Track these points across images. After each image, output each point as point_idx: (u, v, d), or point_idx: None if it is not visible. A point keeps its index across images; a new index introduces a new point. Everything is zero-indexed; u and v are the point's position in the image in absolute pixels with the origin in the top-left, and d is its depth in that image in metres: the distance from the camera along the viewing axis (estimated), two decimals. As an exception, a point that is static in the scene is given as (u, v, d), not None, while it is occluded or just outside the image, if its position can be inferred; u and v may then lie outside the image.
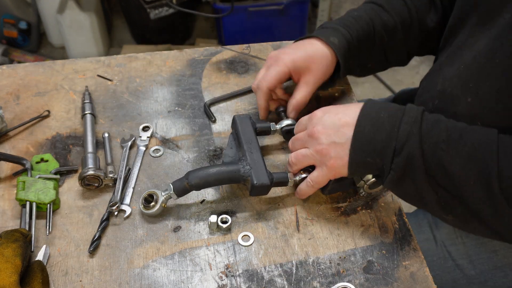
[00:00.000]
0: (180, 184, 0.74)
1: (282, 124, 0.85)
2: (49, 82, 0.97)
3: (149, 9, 2.27)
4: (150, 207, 0.75)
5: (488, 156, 0.63)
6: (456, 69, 0.77)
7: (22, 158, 0.80)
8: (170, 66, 1.02)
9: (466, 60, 0.75)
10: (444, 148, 0.64)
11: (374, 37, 0.89)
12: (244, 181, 0.75)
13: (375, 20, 0.89)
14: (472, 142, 0.64)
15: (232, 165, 0.76)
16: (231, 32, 2.33)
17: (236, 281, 0.70)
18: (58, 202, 0.77)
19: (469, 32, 0.77)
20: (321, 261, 0.72)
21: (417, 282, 0.71)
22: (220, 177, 0.74)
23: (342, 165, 0.71)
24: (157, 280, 0.70)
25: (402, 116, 0.67)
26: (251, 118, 0.83)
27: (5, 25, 2.33)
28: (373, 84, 2.43)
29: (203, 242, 0.74)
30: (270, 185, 0.74)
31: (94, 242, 0.72)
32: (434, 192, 0.67)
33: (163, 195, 0.75)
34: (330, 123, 0.71)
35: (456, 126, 0.66)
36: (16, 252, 0.64)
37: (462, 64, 0.76)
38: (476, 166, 0.63)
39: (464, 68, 0.75)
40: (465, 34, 0.78)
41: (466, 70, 0.75)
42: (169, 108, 0.94)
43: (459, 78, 0.76)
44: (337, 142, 0.70)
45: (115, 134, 0.88)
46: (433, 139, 0.65)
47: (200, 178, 0.74)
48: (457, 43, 0.81)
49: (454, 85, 0.77)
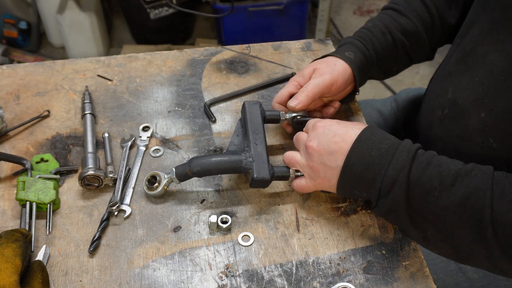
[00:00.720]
0: (183, 169, 0.75)
1: (292, 114, 0.84)
2: (49, 82, 0.97)
3: (149, 9, 2.27)
4: (153, 188, 0.77)
5: (482, 202, 0.61)
6: (469, 81, 0.75)
7: (22, 158, 0.80)
8: (170, 66, 1.02)
9: (481, 73, 0.73)
10: (436, 195, 0.63)
11: (395, 44, 0.89)
12: (245, 172, 0.76)
13: (392, 26, 0.89)
14: (465, 189, 0.62)
15: (235, 156, 0.76)
16: (231, 32, 2.33)
17: (236, 281, 0.70)
18: (58, 202, 0.77)
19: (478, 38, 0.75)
20: (321, 261, 0.72)
21: (417, 282, 0.71)
22: (221, 167, 0.76)
23: (329, 186, 0.73)
24: (157, 280, 0.70)
25: (391, 159, 0.66)
26: (261, 105, 0.83)
27: (5, 25, 2.33)
28: (373, 84, 2.43)
29: (203, 242, 0.74)
30: (270, 180, 0.75)
31: (94, 242, 0.72)
32: (419, 231, 0.67)
33: (165, 178, 0.76)
34: (325, 143, 0.71)
35: (449, 171, 0.64)
36: (16, 252, 0.64)
37: (477, 77, 0.74)
38: (469, 212, 0.62)
39: (478, 82, 0.73)
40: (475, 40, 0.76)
41: (481, 85, 0.73)
42: (169, 108, 0.94)
43: (472, 91, 0.74)
44: (328, 165, 0.70)
45: (115, 134, 0.88)
46: (424, 187, 0.64)
47: (202, 166, 0.75)
48: (465, 48, 0.79)
49: (467, 97, 0.76)
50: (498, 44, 0.71)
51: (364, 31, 0.90)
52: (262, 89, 0.98)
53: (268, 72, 1.02)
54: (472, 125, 0.75)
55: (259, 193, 0.81)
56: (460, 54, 0.80)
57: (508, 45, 0.69)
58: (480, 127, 0.73)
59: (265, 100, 0.96)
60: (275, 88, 0.98)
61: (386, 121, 1.11)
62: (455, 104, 0.78)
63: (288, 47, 1.08)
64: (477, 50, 0.75)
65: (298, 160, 0.75)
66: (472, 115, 0.74)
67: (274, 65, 1.04)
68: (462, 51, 0.80)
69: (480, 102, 0.73)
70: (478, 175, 0.62)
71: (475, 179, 0.62)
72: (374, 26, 0.90)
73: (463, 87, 0.77)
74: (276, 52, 1.07)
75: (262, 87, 0.98)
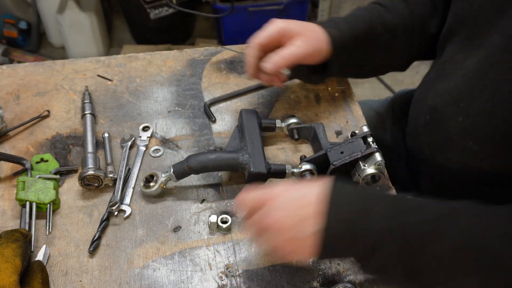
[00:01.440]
0: (180, 166, 0.76)
1: (287, 122, 0.86)
2: (49, 82, 0.97)
3: (149, 9, 2.27)
4: (149, 186, 0.78)
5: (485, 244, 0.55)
6: (447, 86, 0.76)
7: (22, 158, 0.80)
8: (170, 66, 1.02)
9: (456, 77, 0.74)
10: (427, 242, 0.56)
11: (375, 37, 0.86)
12: (242, 169, 0.77)
13: (377, 20, 0.86)
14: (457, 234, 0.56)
15: (232, 153, 0.78)
16: (231, 32, 2.33)
17: (236, 281, 0.70)
18: (58, 202, 0.77)
19: (457, 46, 0.77)
20: (321, 261, 0.72)
21: (417, 282, 0.71)
22: (219, 163, 0.77)
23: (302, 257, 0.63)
24: (157, 280, 0.70)
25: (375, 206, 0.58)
26: (258, 113, 0.85)
27: (5, 25, 2.33)
28: (373, 84, 2.43)
29: (203, 242, 0.74)
30: (266, 174, 0.75)
31: (94, 242, 0.72)
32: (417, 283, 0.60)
33: (163, 176, 0.77)
34: (290, 212, 0.60)
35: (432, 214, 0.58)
36: (16, 252, 0.64)
37: (452, 82, 0.75)
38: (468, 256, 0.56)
39: (454, 87, 0.75)
40: (454, 48, 0.78)
41: (456, 89, 0.74)
42: (169, 108, 0.93)
43: (450, 95, 0.75)
44: (299, 237, 0.59)
45: (115, 134, 0.88)
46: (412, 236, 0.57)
47: (199, 162, 0.76)
48: (446, 57, 0.80)
49: (445, 102, 0.76)
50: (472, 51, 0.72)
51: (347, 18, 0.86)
52: (262, 89, 0.98)
53: (268, 72, 1.02)
54: (451, 129, 0.75)
55: (259, 193, 0.81)
56: (441, 62, 0.81)
57: (481, 51, 0.70)
58: (459, 131, 0.74)
59: (265, 100, 0.96)
60: (275, 88, 0.98)
61: (383, 122, 1.10)
62: (435, 109, 0.79)
63: (288, 47, 1.08)
64: (455, 57, 0.77)
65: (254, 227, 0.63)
66: (451, 120, 0.75)
67: (274, 65, 1.03)
68: (443, 59, 0.81)
69: (457, 106, 0.73)
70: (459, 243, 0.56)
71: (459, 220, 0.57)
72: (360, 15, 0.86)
73: (440, 93, 0.78)
74: (276, 52, 1.07)
75: (262, 87, 0.98)
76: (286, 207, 0.60)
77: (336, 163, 0.76)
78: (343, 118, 0.93)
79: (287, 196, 0.61)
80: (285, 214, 0.60)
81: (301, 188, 0.62)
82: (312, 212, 0.58)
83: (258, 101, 0.96)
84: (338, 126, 0.91)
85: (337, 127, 0.91)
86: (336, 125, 0.91)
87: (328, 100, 0.96)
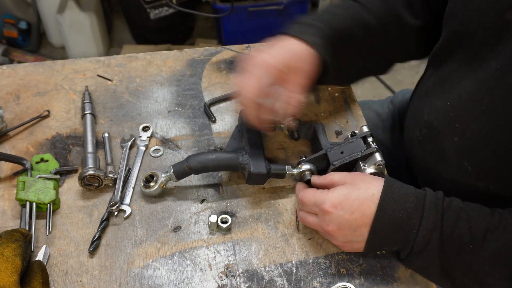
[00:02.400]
0: (180, 166, 0.76)
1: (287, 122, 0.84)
2: (49, 82, 0.97)
3: (149, 9, 2.27)
4: (149, 186, 0.78)
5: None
6: (443, 104, 0.76)
7: (22, 158, 0.80)
8: (170, 66, 1.02)
9: (453, 98, 0.74)
10: (468, 250, 0.64)
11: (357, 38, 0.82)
12: (242, 169, 0.77)
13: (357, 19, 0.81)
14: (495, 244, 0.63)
15: (232, 153, 0.78)
16: (231, 32, 2.33)
17: (236, 281, 0.70)
18: (58, 202, 0.77)
19: (455, 66, 0.76)
20: (321, 261, 0.72)
21: (417, 282, 0.71)
22: (219, 163, 0.76)
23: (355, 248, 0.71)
24: (157, 280, 0.70)
25: (421, 218, 0.65)
26: None
27: (5, 25, 2.33)
28: (373, 84, 2.43)
29: (203, 242, 0.74)
30: (266, 175, 0.75)
31: (94, 242, 0.72)
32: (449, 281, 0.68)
33: (163, 176, 0.77)
34: (345, 224, 0.68)
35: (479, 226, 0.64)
36: (16, 252, 0.64)
37: (449, 101, 0.74)
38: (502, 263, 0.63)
39: (450, 106, 0.74)
40: (452, 67, 0.76)
41: (452, 109, 0.74)
42: (169, 108, 0.94)
43: (445, 114, 0.75)
44: (354, 241, 0.69)
45: (115, 134, 0.88)
46: (455, 241, 0.64)
47: (199, 162, 0.76)
48: (443, 73, 0.79)
49: (441, 120, 0.76)
50: (469, 72, 0.71)
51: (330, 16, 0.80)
52: (262, 89, 0.98)
53: (268, 72, 1.02)
54: (447, 147, 0.75)
55: (259, 192, 0.81)
56: (438, 77, 0.80)
57: (478, 73, 0.69)
58: (454, 150, 0.74)
59: (265, 100, 0.96)
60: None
61: (383, 122, 1.10)
62: (431, 126, 0.78)
63: (288, 47, 1.08)
64: (452, 75, 0.76)
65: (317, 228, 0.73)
66: (446, 138, 0.75)
67: (274, 65, 1.03)
68: (440, 74, 0.80)
69: (453, 125, 0.73)
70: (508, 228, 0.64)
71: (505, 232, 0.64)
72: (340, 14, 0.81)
73: (437, 109, 0.77)
74: (276, 52, 1.06)
75: (262, 87, 0.98)
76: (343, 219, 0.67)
77: (336, 163, 0.76)
78: (343, 118, 0.93)
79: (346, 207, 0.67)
80: (343, 225, 0.68)
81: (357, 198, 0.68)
82: (366, 221, 0.67)
83: (258, 101, 0.95)
84: (338, 126, 0.91)
85: (337, 127, 0.91)
86: (336, 125, 0.91)
87: (328, 100, 0.96)
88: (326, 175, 0.74)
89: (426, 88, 0.83)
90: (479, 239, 0.64)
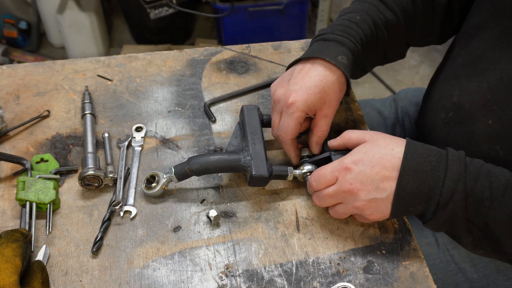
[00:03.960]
0: (182, 168, 0.76)
1: None
2: (49, 82, 0.97)
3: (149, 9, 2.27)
4: (151, 187, 0.77)
5: None
6: (477, 86, 0.74)
7: (22, 158, 0.80)
8: (170, 66, 1.02)
9: (490, 79, 0.72)
10: (487, 205, 0.64)
11: (376, 39, 0.84)
12: (243, 171, 0.76)
13: (378, 20, 0.82)
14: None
15: (233, 154, 0.77)
16: (231, 32, 2.33)
17: (236, 281, 0.70)
18: (58, 202, 0.77)
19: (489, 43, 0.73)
20: (321, 261, 0.72)
21: (417, 282, 0.71)
22: (220, 165, 0.76)
23: (381, 217, 0.70)
24: (157, 280, 0.70)
25: (446, 170, 0.65)
26: (259, 109, 0.84)
27: (5, 25, 2.33)
28: (373, 84, 2.43)
29: (203, 242, 0.74)
30: (268, 177, 0.75)
31: (97, 242, 0.72)
32: (471, 235, 0.67)
33: (164, 177, 0.77)
34: (368, 179, 0.67)
35: (499, 182, 0.64)
36: (16, 252, 0.64)
37: (485, 83, 0.72)
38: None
39: (487, 88, 0.72)
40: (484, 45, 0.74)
41: (489, 91, 0.71)
42: (169, 108, 0.94)
43: (480, 97, 0.73)
44: (378, 198, 0.67)
45: (115, 134, 0.88)
46: (477, 196, 0.64)
47: (201, 164, 0.75)
48: (474, 53, 0.77)
49: (474, 103, 0.74)
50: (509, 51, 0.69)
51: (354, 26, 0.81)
52: (262, 89, 0.98)
53: (268, 72, 1.02)
54: (478, 130, 0.73)
55: (259, 192, 0.81)
56: (468, 58, 0.78)
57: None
58: (487, 134, 0.72)
59: (265, 100, 0.96)
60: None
61: (385, 120, 1.11)
62: (461, 108, 0.77)
63: (288, 47, 1.08)
64: (487, 55, 0.73)
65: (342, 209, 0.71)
66: (479, 121, 0.73)
67: (274, 65, 1.04)
68: (470, 54, 0.78)
69: (488, 108, 0.71)
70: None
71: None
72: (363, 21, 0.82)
73: (470, 91, 0.75)
74: (276, 52, 1.07)
75: (262, 87, 0.98)
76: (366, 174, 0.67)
77: None
78: (343, 118, 0.93)
79: (366, 161, 0.67)
80: (365, 181, 0.67)
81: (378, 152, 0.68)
82: (388, 175, 0.66)
83: (258, 101, 0.96)
84: (338, 126, 0.91)
85: (337, 127, 0.91)
86: (336, 125, 0.91)
87: (328, 100, 0.96)
88: (343, 134, 0.74)
89: (455, 70, 0.81)
90: (498, 195, 0.63)
